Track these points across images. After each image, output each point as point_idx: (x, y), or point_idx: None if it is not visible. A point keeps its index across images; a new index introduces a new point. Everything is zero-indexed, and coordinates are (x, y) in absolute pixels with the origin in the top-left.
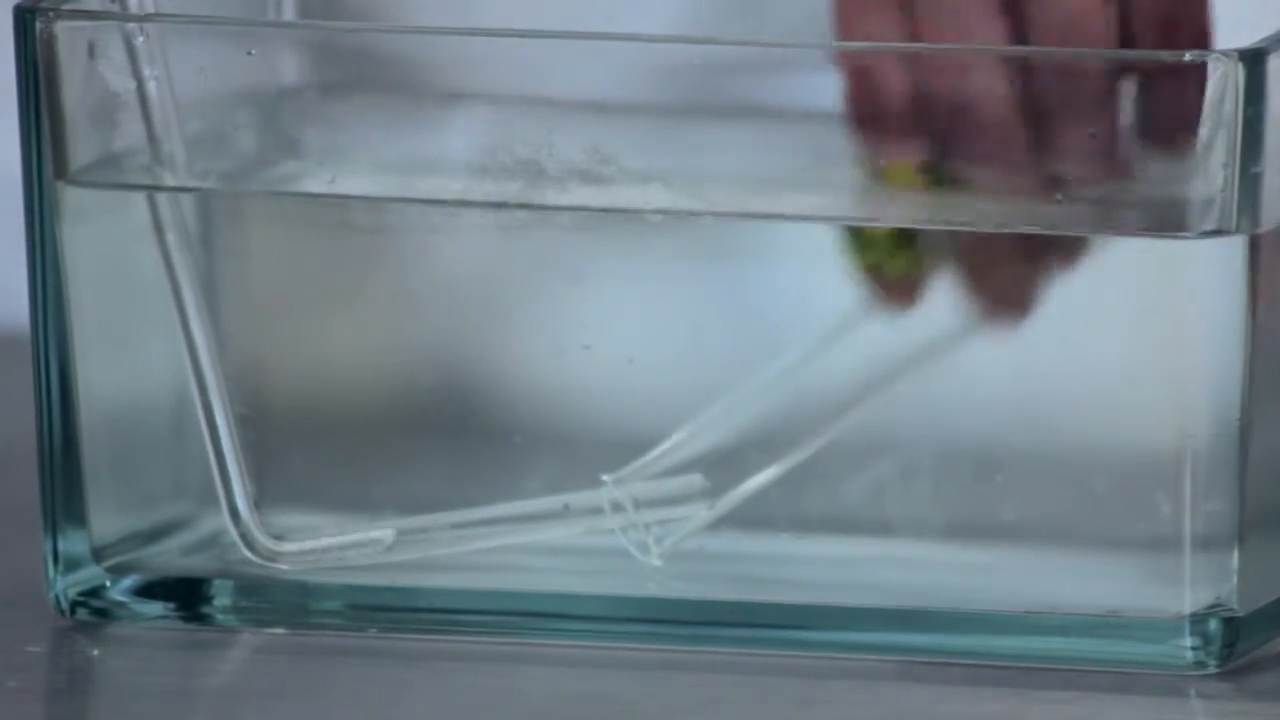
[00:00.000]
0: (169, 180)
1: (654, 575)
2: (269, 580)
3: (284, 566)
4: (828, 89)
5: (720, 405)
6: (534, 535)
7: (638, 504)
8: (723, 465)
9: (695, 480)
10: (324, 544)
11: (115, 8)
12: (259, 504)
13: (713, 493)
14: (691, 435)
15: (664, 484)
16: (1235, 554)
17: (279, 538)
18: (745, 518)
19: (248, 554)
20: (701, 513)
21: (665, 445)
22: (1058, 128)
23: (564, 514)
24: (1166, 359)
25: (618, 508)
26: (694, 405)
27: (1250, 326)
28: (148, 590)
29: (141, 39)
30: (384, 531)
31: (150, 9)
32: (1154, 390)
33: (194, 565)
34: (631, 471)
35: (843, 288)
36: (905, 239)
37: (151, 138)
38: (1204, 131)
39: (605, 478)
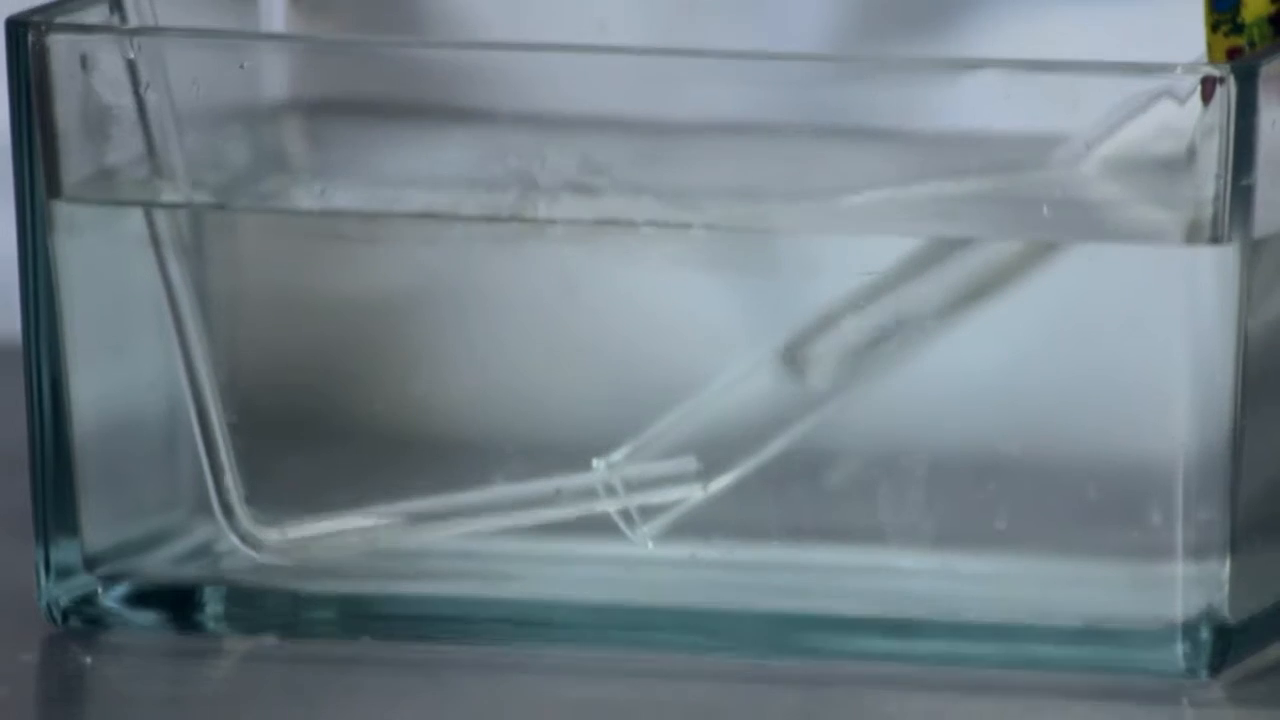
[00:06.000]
0: (168, 191)
1: (647, 582)
2: (261, 588)
3: (276, 560)
4: (819, 100)
5: (711, 389)
6: (525, 520)
7: (629, 486)
8: (715, 447)
9: (689, 462)
10: (314, 531)
11: (113, 20)
12: (249, 507)
13: (706, 475)
14: (683, 418)
15: (656, 466)
16: (1227, 562)
17: (272, 526)
18: (737, 526)
19: (242, 547)
20: (695, 494)
21: (657, 428)
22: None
23: (555, 498)
24: (1159, 368)
25: (610, 491)
26: (685, 414)
27: (1242, 336)
28: (140, 598)
29: (134, 52)
30: (373, 519)
31: (151, 22)
32: (1146, 399)
33: (186, 573)
34: (624, 456)
35: (834, 297)
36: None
37: (150, 150)
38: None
39: (597, 461)
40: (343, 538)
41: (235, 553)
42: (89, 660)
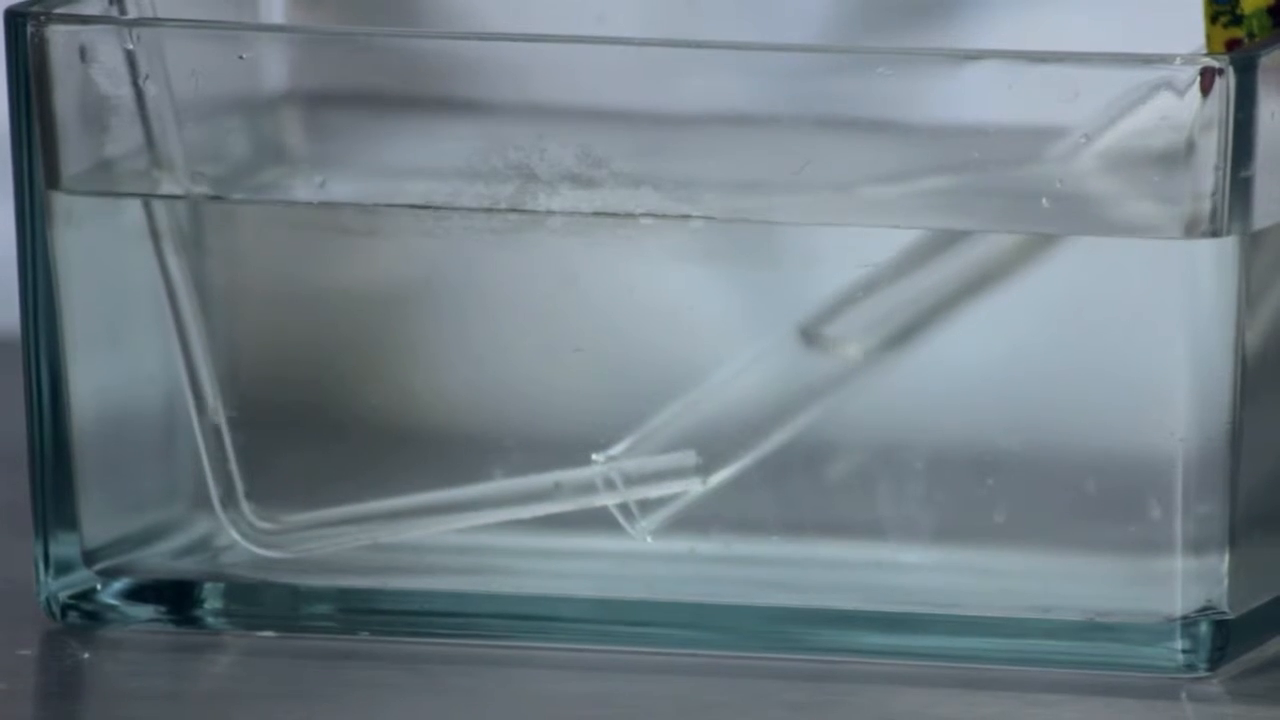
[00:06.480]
0: (167, 183)
1: (646, 576)
2: (260, 583)
3: (274, 554)
4: (818, 91)
5: (710, 382)
6: (524, 514)
7: (629, 480)
8: (715, 441)
9: (688, 456)
10: (312, 518)
11: (113, 11)
12: (249, 501)
13: (705, 469)
14: (682, 412)
15: (656, 460)
16: (1226, 557)
17: (269, 522)
18: (736, 520)
19: (239, 539)
20: (695, 487)
21: (656, 422)
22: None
23: (554, 492)
24: (1158, 362)
25: (609, 485)
26: (685, 407)
27: (1242, 330)
28: (138, 593)
29: (133, 44)
30: (372, 506)
31: (150, 13)
32: (1145, 393)
33: (185, 568)
34: (623, 450)
35: (832, 290)
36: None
37: (150, 141)
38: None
39: (596, 456)
40: (341, 531)
41: (234, 548)
42: (87, 655)
